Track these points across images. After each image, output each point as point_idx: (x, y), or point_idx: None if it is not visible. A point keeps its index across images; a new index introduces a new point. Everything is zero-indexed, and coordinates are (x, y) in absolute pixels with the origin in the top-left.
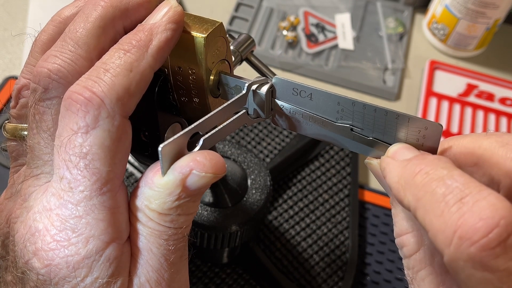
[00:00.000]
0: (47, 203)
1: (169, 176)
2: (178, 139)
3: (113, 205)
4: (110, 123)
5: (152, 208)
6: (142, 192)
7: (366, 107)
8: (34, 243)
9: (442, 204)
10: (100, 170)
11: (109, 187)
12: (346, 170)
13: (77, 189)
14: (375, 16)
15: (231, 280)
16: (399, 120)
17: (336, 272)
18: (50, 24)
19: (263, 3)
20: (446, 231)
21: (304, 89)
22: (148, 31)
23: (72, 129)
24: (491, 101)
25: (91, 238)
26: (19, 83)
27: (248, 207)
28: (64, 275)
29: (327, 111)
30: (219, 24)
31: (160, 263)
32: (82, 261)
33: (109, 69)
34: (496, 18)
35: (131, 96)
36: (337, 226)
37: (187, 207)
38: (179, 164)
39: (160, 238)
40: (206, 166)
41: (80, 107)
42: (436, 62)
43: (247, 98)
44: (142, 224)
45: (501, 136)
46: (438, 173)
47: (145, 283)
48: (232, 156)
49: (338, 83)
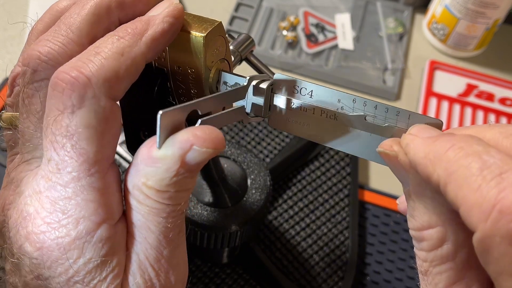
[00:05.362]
0: (37, 186)
1: (167, 150)
2: (178, 110)
3: (102, 186)
4: (96, 103)
5: (149, 186)
6: (138, 169)
7: (367, 104)
8: (26, 227)
9: (479, 178)
10: (87, 151)
11: (97, 168)
12: (346, 170)
13: (64, 170)
14: (375, 16)
15: (231, 280)
16: (400, 116)
17: (336, 272)
18: (47, 13)
19: (263, 3)
20: (483, 205)
21: (305, 86)
22: (145, 22)
23: (58, 109)
24: (491, 101)
25: (81, 219)
26: (14, 71)
27: (248, 207)
28: (56, 258)
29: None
30: (219, 24)
31: (159, 241)
32: (73, 242)
33: (100, 52)
34: (496, 18)
35: (119, 80)
36: (337, 226)
37: (185, 183)
38: (178, 138)
39: (158, 216)
40: (207, 141)
41: (66, 86)
42: (436, 62)
43: (247, 93)
44: (140, 202)
45: (504, 127)
46: (474, 149)
47: (144, 260)
48: (232, 156)
49: (338, 83)
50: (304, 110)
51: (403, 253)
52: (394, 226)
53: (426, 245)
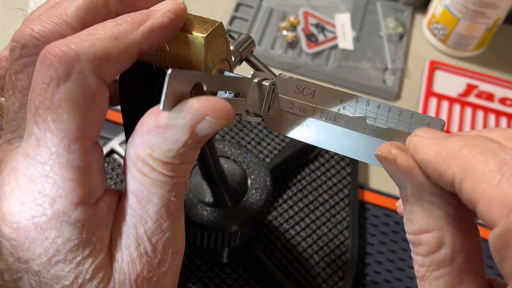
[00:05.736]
0: (16, 163)
1: (177, 119)
2: (187, 75)
3: (82, 165)
4: (83, 79)
5: (155, 157)
6: (144, 140)
7: (370, 103)
8: (1, 207)
9: (499, 174)
10: (68, 127)
11: (78, 146)
12: (346, 170)
13: (44, 146)
14: (375, 16)
15: (231, 280)
16: (402, 116)
17: (336, 272)
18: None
19: (263, 3)
20: (504, 200)
21: (308, 86)
22: (145, 14)
23: (44, 81)
24: (491, 101)
25: (58, 198)
26: (1, 54)
27: (248, 207)
28: (34, 238)
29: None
30: (219, 24)
31: (160, 214)
32: (49, 222)
33: (94, 33)
34: (496, 18)
35: (109, 61)
36: (337, 226)
37: (190, 155)
38: (190, 107)
39: (161, 189)
40: (219, 112)
41: (54, 59)
42: (436, 62)
43: (249, 88)
44: (144, 174)
45: (504, 131)
46: (489, 146)
47: (142, 234)
48: (232, 156)
49: (338, 83)
50: (304, 111)
51: (403, 253)
52: (394, 226)
53: (423, 250)
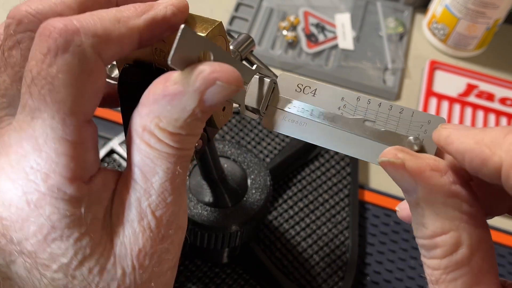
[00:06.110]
0: (8, 139)
1: (187, 84)
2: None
3: (76, 140)
4: (81, 52)
5: (162, 127)
6: (151, 109)
7: (371, 102)
8: None
9: None
10: (64, 99)
11: (73, 121)
12: (346, 170)
13: (38, 118)
14: (375, 16)
15: (231, 280)
16: (403, 114)
17: (336, 272)
18: None
19: (263, 3)
20: None
21: (309, 85)
22: (149, 4)
23: (42, 52)
24: (491, 101)
25: (51, 173)
26: None
27: (248, 207)
28: (27, 215)
29: (328, 108)
30: (219, 24)
31: (165, 187)
32: (43, 198)
33: (96, 14)
34: (496, 18)
35: (109, 41)
36: (337, 226)
37: (196, 126)
38: (200, 70)
39: (167, 161)
40: (230, 77)
41: (53, 30)
42: (436, 62)
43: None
44: (150, 146)
45: (505, 127)
46: None
47: (146, 208)
48: (232, 156)
49: (338, 83)
50: (302, 111)
51: (403, 253)
52: (394, 226)
53: (440, 252)
